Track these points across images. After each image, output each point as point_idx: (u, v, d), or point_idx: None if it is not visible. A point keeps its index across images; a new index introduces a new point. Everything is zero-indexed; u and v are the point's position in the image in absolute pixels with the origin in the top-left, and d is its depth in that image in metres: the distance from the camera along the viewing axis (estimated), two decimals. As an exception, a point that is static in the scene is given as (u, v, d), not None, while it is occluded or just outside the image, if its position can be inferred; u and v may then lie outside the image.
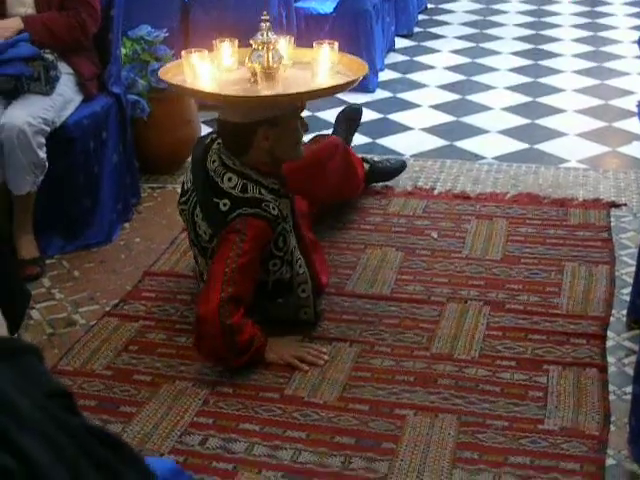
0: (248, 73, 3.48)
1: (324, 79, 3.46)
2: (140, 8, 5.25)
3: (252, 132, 3.24)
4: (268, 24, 3.43)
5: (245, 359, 3.19)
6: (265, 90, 3.39)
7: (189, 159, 3.65)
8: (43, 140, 3.81)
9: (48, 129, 3.84)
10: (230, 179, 3.26)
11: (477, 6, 8.24)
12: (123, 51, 4.57)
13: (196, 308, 3.23)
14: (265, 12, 3.47)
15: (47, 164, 3.84)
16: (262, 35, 3.41)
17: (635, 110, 4.79)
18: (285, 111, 3.28)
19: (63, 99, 3.96)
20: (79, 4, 4.05)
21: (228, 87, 3.44)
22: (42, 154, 3.80)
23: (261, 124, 3.23)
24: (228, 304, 3.09)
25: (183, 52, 3.59)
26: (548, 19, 7.75)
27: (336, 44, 3.59)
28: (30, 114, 3.76)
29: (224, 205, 3.23)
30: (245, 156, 3.29)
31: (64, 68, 4.02)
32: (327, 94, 3.61)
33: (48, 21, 4.00)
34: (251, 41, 3.44)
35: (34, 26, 3.96)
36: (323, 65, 3.48)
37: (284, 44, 3.57)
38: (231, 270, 3.12)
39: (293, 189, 3.47)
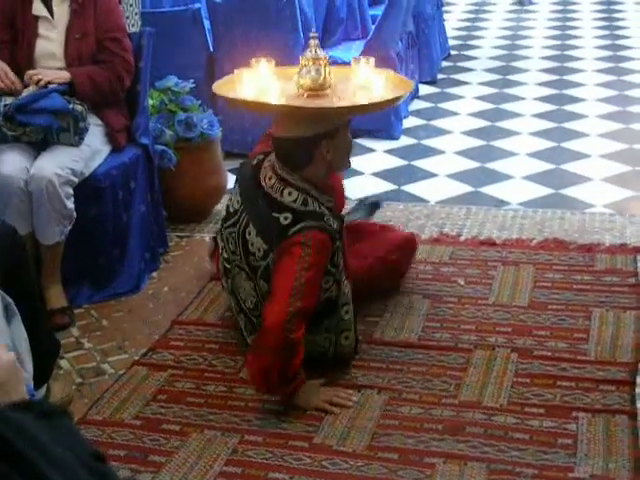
0: (295, 89, 3.52)
1: (379, 92, 3.52)
2: (167, 59, 5.31)
3: (315, 145, 3.30)
4: (317, 41, 3.50)
5: (286, 391, 3.22)
6: (326, 103, 3.43)
7: (231, 184, 3.80)
8: (71, 191, 3.85)
9: (76, 180, 3.88)
10: (290, 193, 3.30)
11: (500, 52, 8.29)
12: (150, 102, 4.63)
13: (262, 321, 3.20)
14: (314, 30, 3.59)
15: (75, 214, 3.88)
16: (311, 52, 3.48)
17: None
18: (342, 123, 3.36)
19: (91, 150, 4.01)
20: (115, 58, 4.12)
21: (290, 100, 3.48)
22: (70, 204, 3.84)
23: (324, 136, 3.29)
24: (295, 318, 3.13)
25: (235, 70, 3.77)
26: (571, 64, 7.78)
27: (372, 59, 3.70)
28: (58, 165, 3.81)
29: (285, 219, 3.25)
30: (304, 170, 3.33)
31: (93, 119, 4.08)
32: (387, 105, 3.80)
33: (92, 74, 4.07)
34: (301, 57, 3.51)
35: (81, 78, 4.02)
36: (376, 80, 3.57)
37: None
38: (300, 284, 3.15)
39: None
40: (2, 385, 1.69)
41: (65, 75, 4.00)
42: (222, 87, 3.67)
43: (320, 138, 3.29)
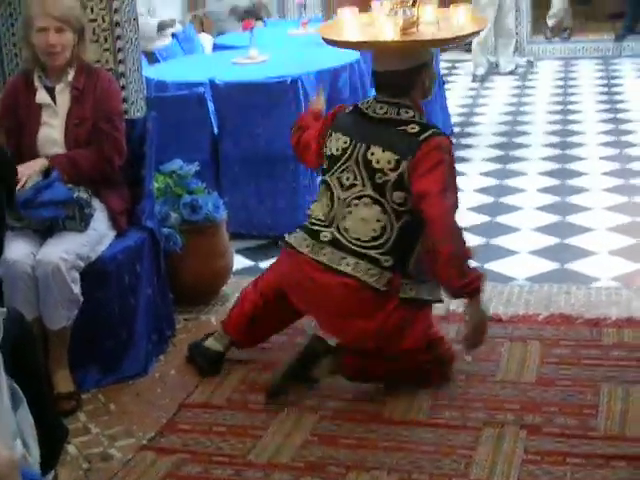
0: (390, 28, 3.92)
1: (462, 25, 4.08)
2: (172, 142, 5.37)
3: (418, 73, 3.79)
4: None
5: (477, 274, 3.69)
6: (428, 36, 3.97)
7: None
8: (77, 275, 3.88)
9: (82, 264, 3.91)
10: (407, 111, 3.75)
11: (503, 128, 8.35)
12: (156, 185, 4.67)
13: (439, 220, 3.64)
14: None
15: (81, 299, 3.90)
16: None
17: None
18: (434, 54, 3.97)
19: (97, 234, 4.04)
20: (104, 139, 4.16)
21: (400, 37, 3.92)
22: (77, 289, 3.86)
23: (425, 65, 3.81)
24: (453, 210, 3.68)
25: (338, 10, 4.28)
26: (574, 138, 7.83)
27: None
28: (65, 250, 3.83)
29: (412, 129, 3.69)
30: (409, 96, 3.79)
31: (97, 204, 4.12)
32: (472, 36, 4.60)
33: (73, 158, 4.11)
34: (386, 1, 4.05)
35: (60, 164, 4.06)
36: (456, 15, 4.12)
37: None
38: (449, 181, 3.68)
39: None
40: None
41: (41, 162, 4.06)
42: (329, 33, 4.16)
43: (423, 67, 3.80)
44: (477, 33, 4.34)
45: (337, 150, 3.82)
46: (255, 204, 5.80)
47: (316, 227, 3.81)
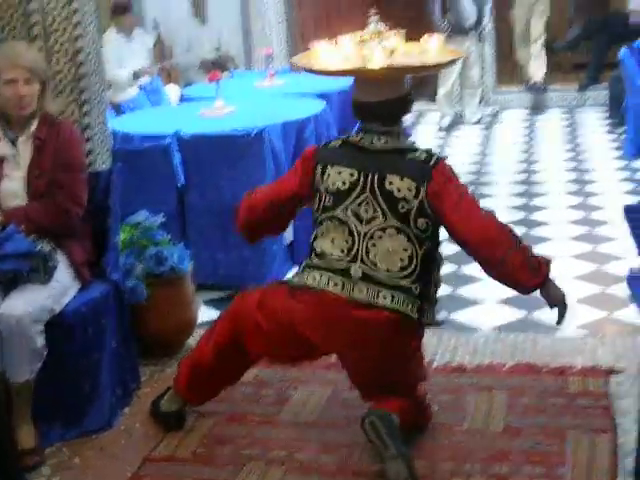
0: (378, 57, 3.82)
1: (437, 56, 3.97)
2: (138, 193, 5.38)
3: (409, 100, 3.83)
4: (377, 16, 3.88)
5: (547, 263, 3.76)
6: (417, 62, 3.88)
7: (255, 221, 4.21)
8: (41, 328, 3.85)
9: (46, 317, 3.88)
10: (406, 140, 3.84)
11: (468, 177, 8.35)
12: (122, 237, 4.67)
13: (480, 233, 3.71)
14: (373, 9, 3.94)
15: (45, 352, 3.87)
16: (373, 25, 3.86)
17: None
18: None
19: (61, 286, 4.02)
20: (59, 190, 4.15)
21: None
22: (40, 342, 3.83)
23: (411, 92, 3.84)
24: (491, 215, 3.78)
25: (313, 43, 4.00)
26: (538, 188, 7.90)
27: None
28: (28, 303, 3.81)
29: (420, 155, 3.70)
30: (397, 125, 3.79)
31: (60, 256, 4.10)
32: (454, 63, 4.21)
33: (29, 211, 4.09)
34: (361, 34, 3.88)
35: (16, 217, 4.04)
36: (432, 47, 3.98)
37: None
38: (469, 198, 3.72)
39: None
40: None
41: None
42: (302, 60, 4.06)
43: (410, 92, 3.83)
44: (455, 61, 4.24)
45: (343, 184, 3.73)
46: (221, 255, 5.80)
47: (341, 264, 3.69)
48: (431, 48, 3.93)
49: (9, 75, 4.08)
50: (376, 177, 3.67)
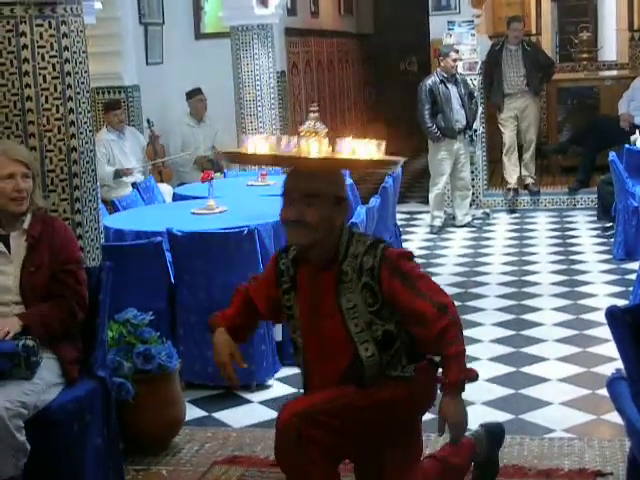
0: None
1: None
2: (128, 290, 5.40)
3: (346, 199, 3.56)
4: (317, 114, 3.77)
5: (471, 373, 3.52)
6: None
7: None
8: (21, 423, 3.82)
9: (26, 412, 3.85)
10: (356, 242, 3.51)
11: (459, 279, 8.45)
12: (110, 334, 4.68)
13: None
14: (315, 103, 3.74)
15: (28, 447, 3.83)
16: (311, 124, 3.70)
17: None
18: None
19: (44, 383, 4.01)
20: (69, 293, 4.19)
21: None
22: (21, 437, 3.80)
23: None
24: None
25: (248, 140, 3.77)
26: (529, 289, 7.94)
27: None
28: (7, 398, 3.80)
29: (368, 259, 3.45)
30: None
31: (46, 353, 4.10)
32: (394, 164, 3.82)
33: (44, 315, 4.12)
34: (300, 129, 3.72)
35: (32, 323, 4.07)
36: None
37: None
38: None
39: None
40: None
41: (15, 326, 4.04)
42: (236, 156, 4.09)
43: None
44: (397, 163, 3.80)
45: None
46: (210, 354, 5.74)
47: None
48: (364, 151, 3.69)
49: (8, 170, 4.13)
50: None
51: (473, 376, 3.52)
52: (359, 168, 3.81)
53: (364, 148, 3.56)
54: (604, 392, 5.38)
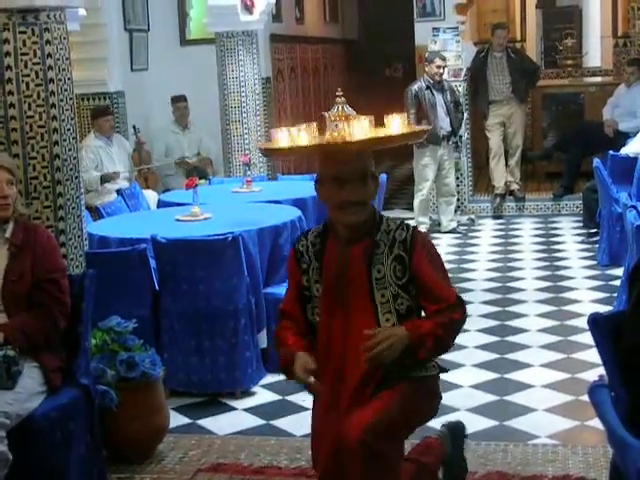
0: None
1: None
2: (113, 298, 5.40)
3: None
4: (343, 99, 3.83)
5: None
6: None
7: None
8: (3, 433, 3.81)
9: (9, 422, 3.84)
10: (386, 220, 3.64)
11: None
12: (93, 341, 4.67)
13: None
14: (340, 89, 3.92)
15: (10, 456, 3.81)
16: (339, 109, 3.81)
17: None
18: None
19: (27, 392, 4.00)
20: (51, 302, 4.18)
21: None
22: (3, 447, 3.79)
23: None
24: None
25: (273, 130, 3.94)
26: (513, 295, 7.96)
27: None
28: (-12, 408, 3.79)
29: (401, 233, 3.57)
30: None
31: (29, 361, 4.09)
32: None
33: (25, 327, 4.11)
34: (326, 114, 3.83)
35: (13, 334, 4.06)
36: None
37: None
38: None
39: None
40: None
41: None
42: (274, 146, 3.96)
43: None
44: (425, 132, 4.37)
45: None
46: (195, 361, 5.77)
47: None
48: (394, 125, 3.94)
49: None
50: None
51: (426, 358, 3.70)
52: (398, 141, 3.91)
53: (394, 123, 3.88)
54: (587, 398, 5.42)
